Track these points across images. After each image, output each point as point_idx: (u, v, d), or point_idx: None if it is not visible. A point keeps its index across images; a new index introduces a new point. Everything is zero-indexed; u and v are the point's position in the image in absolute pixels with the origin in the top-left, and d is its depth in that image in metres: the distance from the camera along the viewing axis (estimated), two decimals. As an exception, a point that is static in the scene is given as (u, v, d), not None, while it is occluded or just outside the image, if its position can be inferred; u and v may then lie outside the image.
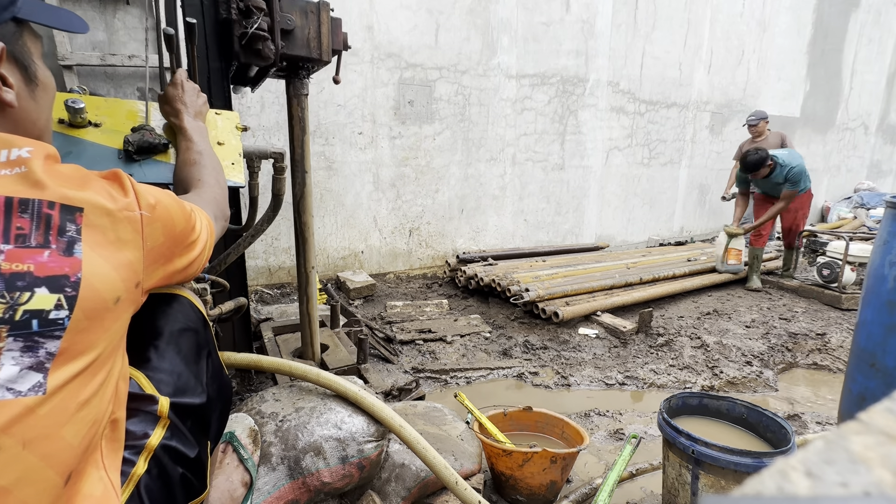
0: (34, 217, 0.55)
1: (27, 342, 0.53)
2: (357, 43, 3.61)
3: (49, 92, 0.70)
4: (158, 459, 0.68)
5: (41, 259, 0.54)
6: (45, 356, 0.53)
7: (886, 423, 0.22)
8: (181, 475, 0.71)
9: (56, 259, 0.55)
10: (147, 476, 0.66)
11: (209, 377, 0.82)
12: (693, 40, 5.38)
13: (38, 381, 0.53)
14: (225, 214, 0.99)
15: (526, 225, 4.77)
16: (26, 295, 0.53)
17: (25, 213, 0.54)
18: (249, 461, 1.00)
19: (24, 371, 0.52)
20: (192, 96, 1.11)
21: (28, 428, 0.51)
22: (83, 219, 0.58)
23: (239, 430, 1.05)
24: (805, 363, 2.59)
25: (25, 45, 0.65)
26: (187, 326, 0.81)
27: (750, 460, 1.14)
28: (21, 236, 0.54)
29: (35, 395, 0.52)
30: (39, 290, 0.54)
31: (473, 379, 2.36)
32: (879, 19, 6.97)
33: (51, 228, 0.56)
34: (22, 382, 0.52)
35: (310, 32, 1.49)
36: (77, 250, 0.57)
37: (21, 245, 0.54)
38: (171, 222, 0.70)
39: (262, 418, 1.13)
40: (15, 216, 0.54)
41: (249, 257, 3.51)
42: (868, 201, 6.60)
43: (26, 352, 0.52)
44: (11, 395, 0.51)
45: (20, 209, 0.54)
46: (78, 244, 0.57)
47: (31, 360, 0.53)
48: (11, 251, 0.53)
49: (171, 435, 0.70)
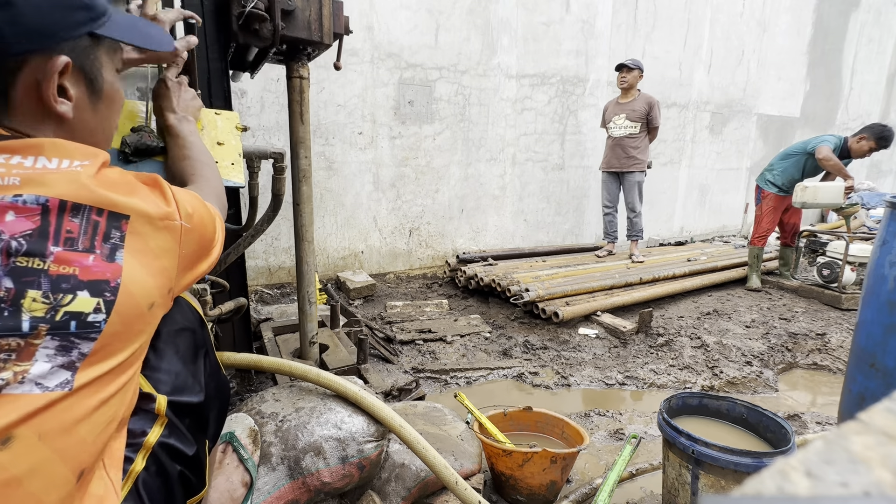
0: (84, 221, 0.57)
1: (63, 342, 0.54)
2: (357, 43, 3.61)
3: (113, 105, 0.72)
4: (157, 457, 0.68)
5: (86, 263, 0.56)
6: (78, 356, 0.55)
7: (886, 423, 0.22)
8: (179, 473, 0.71)
9: (99, 264, 0.57)
10: (145, 473, 0.66)
11: (206, 376, 0.82)
12: (693, 40, 5.38)
13: (66, 379, 0.54)
14: (225, 207, 1.00)
15: (526, 225, 4.78)
16: (69, 297, 0.54)
17: (76, 218, 0.56)
18: (249, 461, 1.00)
19: (56, 369, 0.53)
20: (177, 92, 1.10)
21: (46, 420, 0.52)
22: (128, 226, 0.60)
23: (239, 430, 1.05)
24: (805, 363, 2.59)
25: (98, 58, 0.67)
26: (184, 326, 0.81)
27: (750, 460, 1.13)
28: (70, 240, 0.55)
29: (61, 390, 0.53)
30: (81, 294, 0.55)
31: (473, 379, 2.36)
32: (879, 19, 6.97)
33: (97, 234, 0.57)
34: (51, 379, 0.53)
35: (311, 14, 1.45)
36: (119, 257, 0.59)
37: (69, 248, 0.55)
38: (204, 231, 0.73)
39: (262, 418, 1.13)
40: (66, 220, 0.55)
41: (249, 257, 3.51)
42: (868, 201, 6.60)
43: (60, 351, 0.54)
44: (39, 389, 0.52)
45: (72, 213, 0.56)
46: (120, 251, 0.59)
47: (63, 360, 0.54)
48: (60, 253, 0.55)
49: (170, 433, 0.71)
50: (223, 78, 1.53)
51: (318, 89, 3.53)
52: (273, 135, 3.44)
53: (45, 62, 0.60)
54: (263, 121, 3.39)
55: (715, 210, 6.26)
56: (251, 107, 3.34)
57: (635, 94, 3.91)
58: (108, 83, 0.70)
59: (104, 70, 0.69)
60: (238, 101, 3.26)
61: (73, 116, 0.65)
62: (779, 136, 6.50)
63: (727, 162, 6.17)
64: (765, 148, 6.40)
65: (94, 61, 0.66)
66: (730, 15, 5.60)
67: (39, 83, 0.61)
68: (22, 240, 0.53)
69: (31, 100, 0.61)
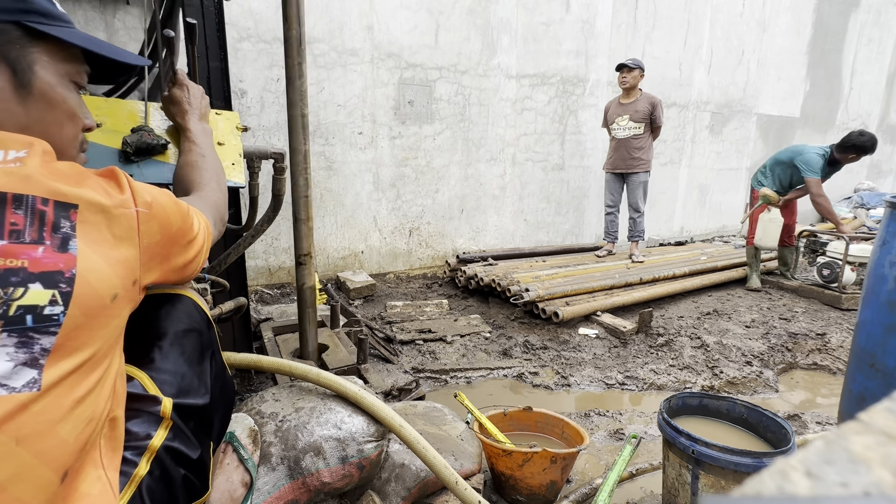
0: (28, 212, 0.55)
1: (21, 337, 0.52)
2: (357, 43, 3.61)
3: (53, 109, 0.69)
4: (161, 460, 0.68)
5: (35, 255, 0.54)
6: (40, 352, 0.53)
7: (886, 423, 0.22)
8: (183, 476, 0.71)
9: (50, 255, 0.55)
10: (149, 477, 0.66)
11: (212, 378, 0.82)
12: (693, 40, 5.38)
13: (32, 378, 0.52)
14: (224, 219, 0.99)
15: (526, 225, 4.77)
16: (20, 290, 0.53)
17: (20, 209, 0.54)
18: (249, 461, 1.00)
19: (19, 367, 0.52)
20: (197, 98, 1.12)
21: (22, 425, 0.51)
22: (77, 215, 0.58)
23: (239, 430, 1.05)
24: (805, 363, 2.59)
25: (28, 53, 0.65)
26: (191, 327, 0.81)
27: (750, 460, 1.14)
28: (15, 232, 0.54)
29: (30, 391, 0.52)
30: (33, 286, 0.54)
31: (473, 379, 2.36)
32: (879, 19, 6.97)
33: (45, 224, 0.56)
34: (16, 378, 0.51)
35: None
36: (72, 246, 0.57)
37: (15, 241, 0.54)
38: (168, 220, 0.70)
39: (261, 418, 1.13)
40: (9, 212, 0.54)
41: (249, 257, 3.51)
42: (868, 201, 6.60)
43: (20, 347, 0.52)
44: (5, 391, 0.50)
45: (14, 205, 0.54)
46: (73, 240, 0.57)
47: (25, 356, 0.52)
48: (5, 247, 0.53)
49: (174, 436, 0.70)
50: (223, 78, 1.53)
51: (318, 89, 3.53)
52: (273, 135, 3.44)
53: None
54: (263, 121, 3.39)
55: (715, 210, 6.25)
56: (251, 107, 3.34)
57: (637, 94, 3.89)
58: (45, 83, 0.67)
59: (38, 66, 0.66)
60: (238, 101, 3.26)
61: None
62: (779, 136, 6.50)
63: (727, 162, 6.17)
64: (765, 148, 6.40)
65: (21, 53, 0.64)
66: (730, 15, 5.60)
67: None
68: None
69: None
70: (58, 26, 0.67)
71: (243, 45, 3.24)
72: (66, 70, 0.70)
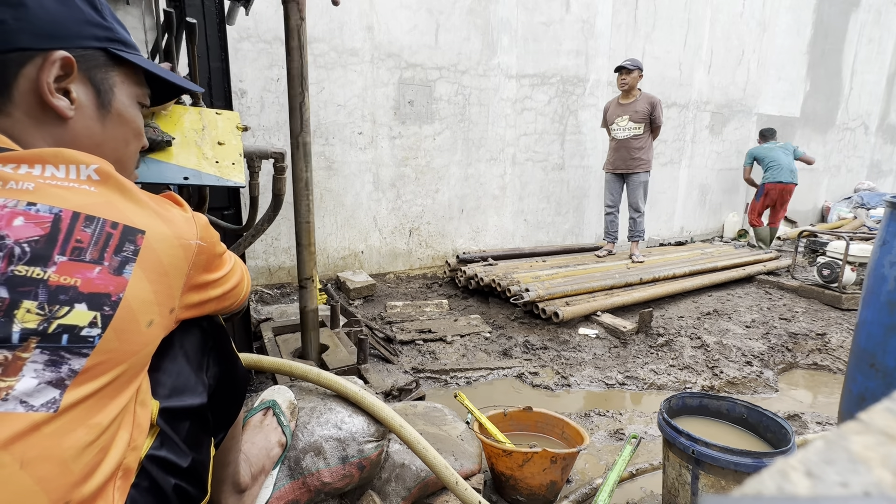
0: (96, 232, 0.55)
1: (52, 356, 0.51)
2: (357, 43, 3.61)
3: (126, 127, 0.73)
4: (147, 472, 0.63)
5: (90, 275, 0.54)
6: (68, 373, 0.52)
7: (886, 423, 0.22)
8: (175, 486, 0.66)
9: (104, 277, 0.55)
10: (134, 491, 0.61)
11: (218, 371, 0.79)
12: (693, 40, 5.38)
13: (52, 398, 0.51)
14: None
15: (526, 225, 4.78)
16: (65, 309, 0.52)
17: (88, 228, 0.55)
18: (287, 427, 1.09)
19: (43, 385, 0.51)
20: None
21: (30, 446, 0.49)
22: (143, 241, 0.59)
23: (280, 399, 1.13)
24: (805, 363, 2.59)
25: (110, 76, 0.70)
26: (191, 321, 0.78)
27: (750, 460, 1.14)
28: (78, 249, 0.54)
29: (46, 411, 0.50)
30: (79, 306, 0.53)
31: (473, 379, 2.36)
32: (879, 19, 6.97)
33: (108, 246, 0.56)
34: (37, 397, 0.50)
35: None
36: (127, 271, 0.57)
37: (75, 258, 0.54)
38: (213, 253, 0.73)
39: (262, 418, 1.14)
40: (78, 229, 0.54)
41: (249, 257, 3.51)
42: (868, 201, 6.60)
43: (49, 366, 0.51)
44: (23, 408, 0.49)
45: (84, 224, 0.55)
46: (130, 264, 0.57)
47: (52, 376, 0.51)
48: (65, 263, 0.53)
49: (161, 444, 0.65)
50: (223, 78, 1.53)
51: (318, 89, 3.53)
52: (273, 135, 3.44)
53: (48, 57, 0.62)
54: (263, 121, 3.39)
55: (715, 210, 6.26)
56: (251, 107, 3.34)
57: (637, 94, 3.90)
58: (122, 103, 0.72)
59: (117, 89, 0.71)
60: (238, 101, 3.26)
61: (74, 119, 0.65)
62: (779, 135, 6.50)
63: (727, 162, 6.17)
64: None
65: (105, 76, 0.69)
66: (730, 15, 5.60)
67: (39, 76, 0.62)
68: (26, 246, 0.51)
69: (30, 94, 0.62)
70: (133, 54, 0.73)
71: (243, 45, 3.24)
72: (136, 92, 0.76)
